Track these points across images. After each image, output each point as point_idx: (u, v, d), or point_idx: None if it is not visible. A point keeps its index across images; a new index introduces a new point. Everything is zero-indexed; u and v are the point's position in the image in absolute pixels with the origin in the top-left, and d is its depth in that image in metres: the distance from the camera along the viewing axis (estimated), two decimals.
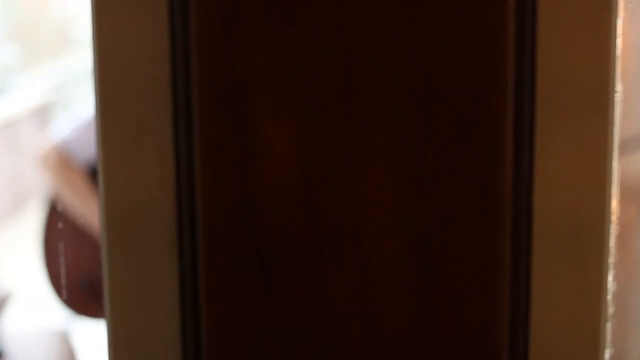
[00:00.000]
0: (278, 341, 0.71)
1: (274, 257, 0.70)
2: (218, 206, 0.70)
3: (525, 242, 0.72)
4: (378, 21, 0.67)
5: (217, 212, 0.70)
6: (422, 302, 0.69)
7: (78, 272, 3.07)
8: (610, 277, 0.74)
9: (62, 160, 3.01)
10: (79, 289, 3.06)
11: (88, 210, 2.99)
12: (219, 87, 0.69)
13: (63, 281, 3.09)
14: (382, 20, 0.67)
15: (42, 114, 6.96)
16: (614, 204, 0.73)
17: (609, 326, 0.74)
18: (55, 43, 7.66)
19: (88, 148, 2.99)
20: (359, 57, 0.68)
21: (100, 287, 2.86)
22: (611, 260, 0.74)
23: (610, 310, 0.74)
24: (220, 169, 0.69)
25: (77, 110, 7.25)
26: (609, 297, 0.74)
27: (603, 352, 0.74)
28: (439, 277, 0.69)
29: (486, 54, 0.67)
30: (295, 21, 0.67)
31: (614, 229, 0.74)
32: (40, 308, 3.11)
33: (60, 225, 3.09)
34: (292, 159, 0.69)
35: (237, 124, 0.69)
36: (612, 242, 0.74)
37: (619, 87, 0.72)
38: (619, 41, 0.71)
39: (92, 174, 3.02)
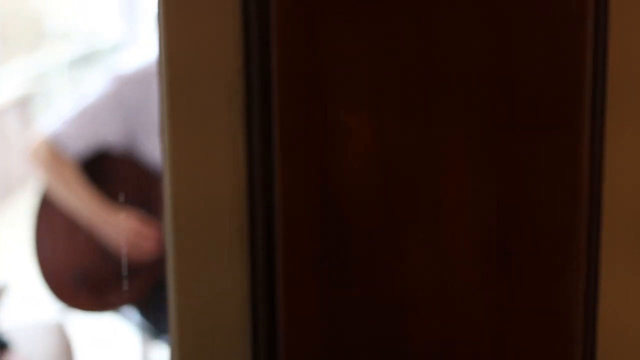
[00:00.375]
0: (357, 333, 0.71)
1: (353, 248, 0.70)
2: (297, 197, 0.70)
3: (596, 234, 0.72)
4: (457, 11, 0.67)
5: (297, 203, 0.70)
6: (498, 290, 0.70)
7: (70, 265, 3.06)
8: None
9: (52, 153, 2.99)
10: (71, 283, 3.05)
11: (79, 203, 2.97)
12: (300, 77, 0.69)
13: (55, 275, 3.07)
14: (461, 9, 0.67)
15: (23, 106, 6.92)
16: None
17: None
18: (31, 35, 7.60)
19: (78, 141, 2.97)
20: (438, 47, 0.68)
21: (93, 280, 2.84)
22: None
23: None
24: (300, 160, 0.69)
25: (58, 101, 7.21)
26: None
27: None
28: (516, 266, 0.69)
29: (566, 48, 0.67)
30: (375, 11, 0.67)
31: None
32: (35, 300, 3.10)
33: (51, 218, 3.07)
34: (372, 149, 0.69)
35: (317, 114, 0.69)
36: None
37: None
38: None
39: (82, 166, 3.00)
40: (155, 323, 3.04)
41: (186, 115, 0.76)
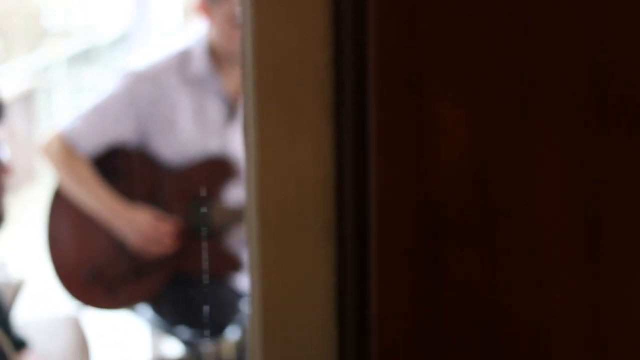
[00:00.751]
0: (448, 325, 0.72)
1: (446, 241, 0.71)
2: (392, 190, 0.70)
3: None
4: (556, 9, 0.68)
5: (392, 195, 0.70)
6: (589, 285, 0.71)
7: (83, 262, 3.05)
8: None
9: (65, 150, 2.98)
10: (84, 280, 3.04)
11: (92, 200, 2.97)
12: (397, 72, 0.69)
13: (68, 272, 3.07)
14: (559, 8, 0.68)
15: (25, 102, 6.91)
16: None
17: None
18: (30, 32, 7.59)
19: (91, 138, 2.97)
20: (535, 45, 0.68)
21: (106, 277, 2.84)
22: None
23: None
24: (396, 153, 0.70)
25: (59, 97, 7.20)
26: None
27: None
28: (606, 260, 0.70)
29: None
30: (473, 6, 0.68)
31: None
32: (50, 296, 3.09)
33: (64, 215, 3.07)
34: (467, 143, 0.69)
35: (414, 108, 0.69)
36: None
37: None
38: None
39: (95, 163, 3.00)
40: (169, 318, 3.04)
41: (273, 109, 0.76)
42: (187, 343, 2.65)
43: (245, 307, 2.83)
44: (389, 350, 0.72)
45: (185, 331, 2.87)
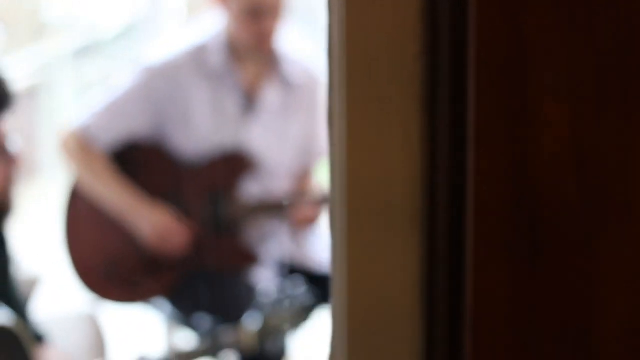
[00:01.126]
0: (544, 315, 0.72)
1: (544, 234, 0.71)
2: (491, 182, 0.70)
3: None
4: None
5: (490, 187, 0.70)
6: None
7: (101, 257, 3.06)
8: None
9: (82, 145, 2.98)
10: (102, 274, 3.05)
11: (110, 195, 2.97)
12: (498, 65, 0.69)
13: (86, 266, 3.07)
14: None
15: (29, 97, 6.90)
16: None
17: None
18: (32, 27, 7.57)
19: (108, 133, 2.97)
20: (637, 41, 0.69)
21: (123, 272, 2.83)
22: None
23: None
24: (495, 146, 0.70)
25: (63, 92, 7.18)
26: None
27: None
28: None
29: None
30: (576, 2, 0.68)
31: None
32: (67, 292, 3.09)
33: (81, 210, 3.07)
34: (568, 137, 0.70)
35: (515, 102, 0.69)
36: None
37: None
38: None
39: (112, 158, 2.99)
40: (185, 312, 3.04)
41: (363, 100, 0.76)
42: (205, 333, 2.65)
43: (260, 300, 2.83)
44: (484, 343, 0.73)
45: (204, 321, 2.87)
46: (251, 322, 2.50)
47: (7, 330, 1.99)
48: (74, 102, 7.14)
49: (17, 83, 6.69)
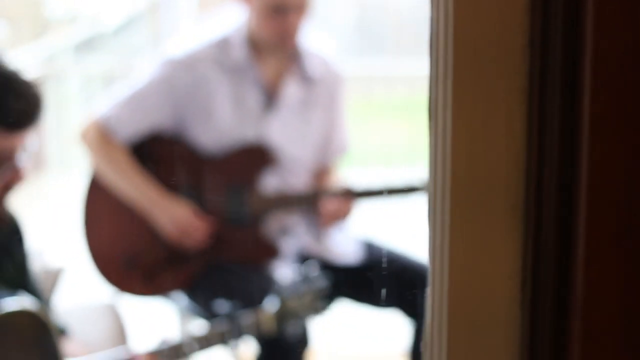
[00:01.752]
0: None
1: None
2: (605, 174, 0.71)
3: None
4: None
5: (604, 179, 0.71)
6: None
7: (120, 249, 3.05)
8: None
9: (103, 136, 2.98)
10: (121, 267, 3.04)
11: (130, 187, 2.97)
12: (616, 57, 0.70)
13: (105, 259, 3.07)
14: None
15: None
16: None
17: None
18: (35, 20, 7.56)
19: (129, 124, 2.97)
20: None
21: (143, 264, 2.83)
22: None
23: None
24: (610, 138, 0.71)
25: (67, 85, 7.17)
26: None
27: None
28: None
29: None
30: None
31: None
32: (88, 283, 3.09)
33: (101, 201, 3.07)
34: None
35: (631, 93, 0.70)
36: None
37: None
38: None
39: (133, 150, 3.00)
40: (204, 305, 3.04)
41: (468, 92, 0.77)
42: (223, 317, 2.66)
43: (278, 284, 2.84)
44: (593, 340, 0.73)
45: (222, 307, 2.88)
46: (269, 306, 2.52)
47: (33, 314, 2.00)
48: (79, 95, 7.13)
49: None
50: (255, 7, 2.87)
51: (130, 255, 3.04)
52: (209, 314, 2.99)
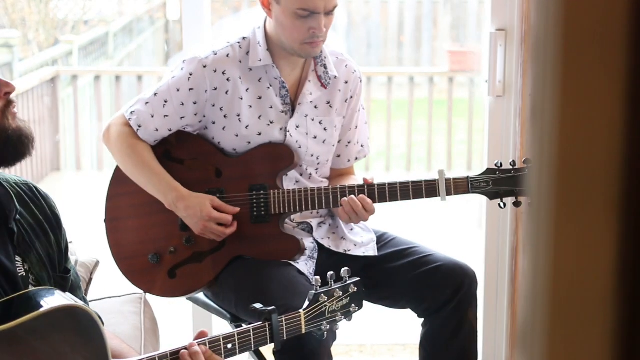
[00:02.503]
0: None
1: None
2: None
3: None
4: None
5: None
6: None
7: (144, 247, 3.09)
8: None
9: (127, 133, 3.03)
10: (145, 265, 3.08)
11: (153, 184, 3.01)
12: None
13: (130, 257, 3.11)
14: None
15: (48, 89, 6.94)
16: None
17: None
18: (45, 21, 7.62)
19: (153, 122, 3.01)
20: None
21: (167, 262, 2.84)
22: None
23: None
24: None
25: (81, 82, 7.22)
26: None
27: None
28: None
29: None
30: None
31: None
32: (119, 275, 3.13)
33: (124, 198, 3.11)
34: None
35: None
36: None
37: None
38: None
39: (157, 146, 3.04)
40: (226, 305, 3.08)
41: (576, 90, 0.80)
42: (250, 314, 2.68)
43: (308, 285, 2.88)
44: None
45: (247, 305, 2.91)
46: (303, 305, 2.54)
47: (83, 310, 2.05)
48: (91, 95, 7.19)
49: (34, 77, 6.74)
50: (284, 10, 2.90)
51: (154, 253, 3.08)
52: (233, 313, 3.04)
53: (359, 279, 2.58)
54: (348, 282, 2.56)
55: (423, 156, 7.72)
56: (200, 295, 3.20)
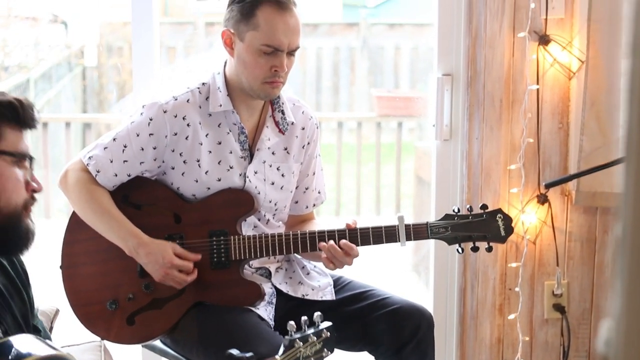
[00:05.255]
0: None
1: None
2: None
3: None
4: None
5: None
6: None
7: (102, 293, 3.05)
8: None
9: (85, 178, 3.00)
10: (103, 312, 3.04)
11: (112, 230, 2.97)
12: None
13: (87, 303, 3.06)
14: None
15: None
16: None
17: None
18: None
19: (111, 167, 2.99)
20: None
21: (125, 308, 2.79)
22: None
23: None
24: None
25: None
26: None
27: None
28: None
29: None
30: None
31: None
32: (76, 324, 3.08)
33: (81, 244, 3.07)
34: None
35: None
36: None
37: None
38: None
39: (115, 192, 3.02)
40: (186, 352, 3.05)
41: None
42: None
43: (266, 334, 2.87)
44: None
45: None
46: (264, 351, 2.53)
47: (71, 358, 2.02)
48: None
49: None
50: (248, 47, 2.91)
51: (112, 300, 3.04)
52: (195, 357, 3.01)
53: (330, 323, 2.59)
54: (321, 327, 2.56)
55: (352, 199, 7.78)
56: (157, 342, 3.17)
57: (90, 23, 9.52)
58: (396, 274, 6.41)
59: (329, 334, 2.61)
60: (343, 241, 2.95)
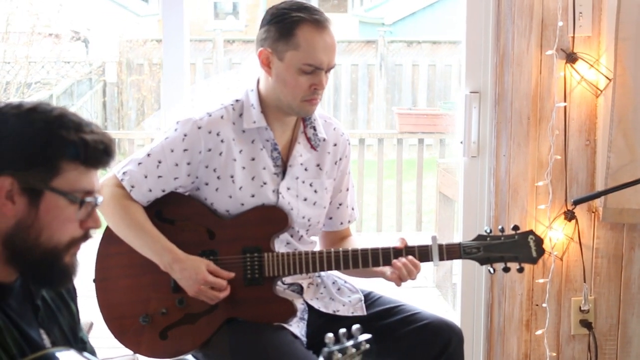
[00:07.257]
0: None
1: None
2: None
3: None
4: None
5: None
6: None
7: (135, 307, 3.07)
8: None
9: (119, 194, 3.02)
10: (136, 326, 3.06)
11: (146, 245, 2.99)
12: None
13: (120, 318, 3.08)
14: None
15: None
16: None
17: None
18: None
19: (146, 182, 3.01)
20: None
21: (158, 323, 2.81)
22: None
23: None
24: None
25: None
26: None
27: None
28: None
29: None
30: None
31: None
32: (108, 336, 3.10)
33: (115, 259, 3.09)
34: None
35: None
36: None
37: None
38: None
39: (150, 207, 3.04)
40: None
41: None
42: None
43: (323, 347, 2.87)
44: None
45: None
46: None
47: None
48: None
49: None
50: (288, 67, 2.95)
51: (145, 314, 3.06)
52: None
53: (370, 336, 2.61)
54: (360, 340, 2.58)
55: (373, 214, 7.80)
56: (189, 357, 3.19)
57: (110, 40, 9.60)
58: (419, 290, 6.42)
59: (368, 345, 2.63)
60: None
